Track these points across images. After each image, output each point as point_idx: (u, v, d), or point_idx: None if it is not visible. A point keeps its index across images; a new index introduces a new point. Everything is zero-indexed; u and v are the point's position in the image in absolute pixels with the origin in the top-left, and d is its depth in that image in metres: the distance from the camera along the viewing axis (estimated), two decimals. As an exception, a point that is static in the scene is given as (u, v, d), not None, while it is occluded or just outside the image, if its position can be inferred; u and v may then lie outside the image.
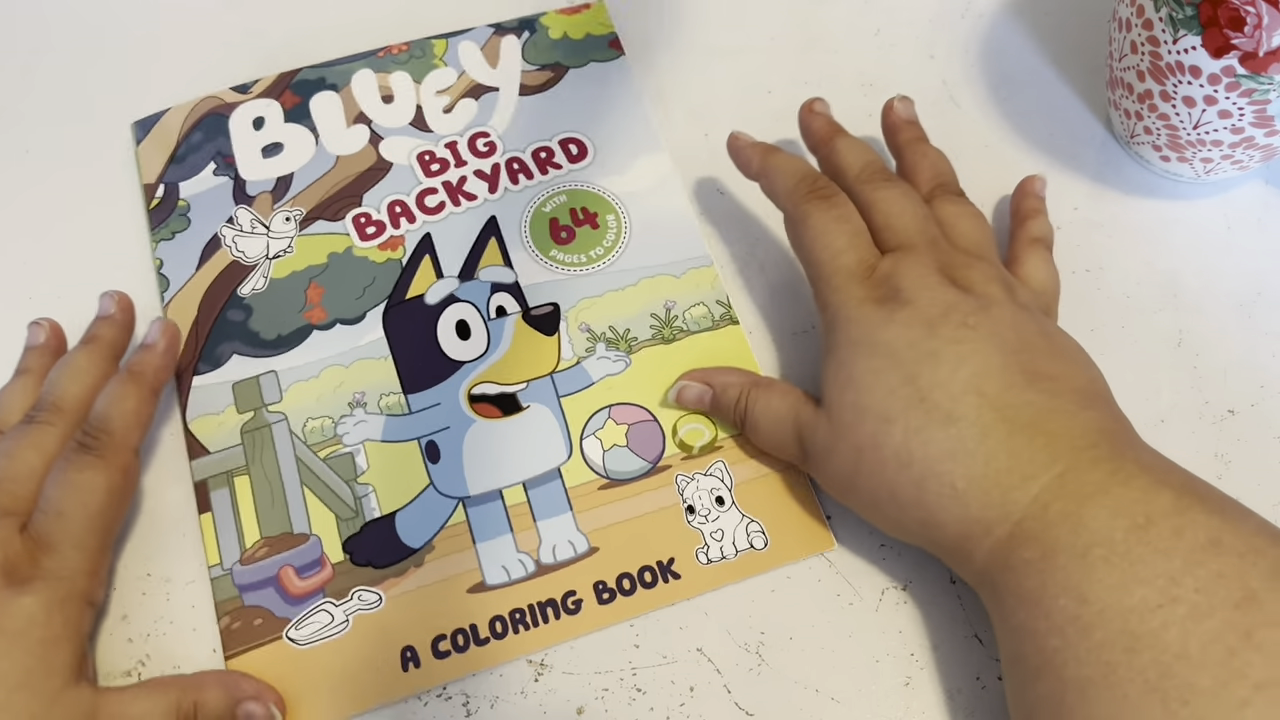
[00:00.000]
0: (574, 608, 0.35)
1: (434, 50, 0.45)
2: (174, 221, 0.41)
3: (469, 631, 0.34)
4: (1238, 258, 0.41)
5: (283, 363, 0.39)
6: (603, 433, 0.37)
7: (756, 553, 0.35)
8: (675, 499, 0.36)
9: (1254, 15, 0.33)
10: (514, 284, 0.40)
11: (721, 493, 0.36)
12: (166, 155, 0.43)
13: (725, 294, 0.40)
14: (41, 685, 0.30)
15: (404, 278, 0.40)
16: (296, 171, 0.42)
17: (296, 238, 0.41)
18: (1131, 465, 0.29)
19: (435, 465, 0.37)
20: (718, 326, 0.39)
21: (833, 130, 0.39)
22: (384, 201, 0.42)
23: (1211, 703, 0.25)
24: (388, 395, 0.38)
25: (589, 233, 0.41)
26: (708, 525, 0.36)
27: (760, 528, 0.36)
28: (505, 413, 0.38)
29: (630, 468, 0.37)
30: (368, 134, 0.43)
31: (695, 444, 0.37)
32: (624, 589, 0.35)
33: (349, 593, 0.35)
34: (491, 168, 0.42)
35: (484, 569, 0.35)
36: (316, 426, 0.37)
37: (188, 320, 0.39)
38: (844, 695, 0.34)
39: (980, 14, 0.47)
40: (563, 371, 0.38)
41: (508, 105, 0.44)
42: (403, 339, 0.39)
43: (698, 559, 0.35)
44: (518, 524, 0.36)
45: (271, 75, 0.44)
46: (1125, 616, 0.27)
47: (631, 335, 0.39)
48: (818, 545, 0.36)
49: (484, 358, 0.38)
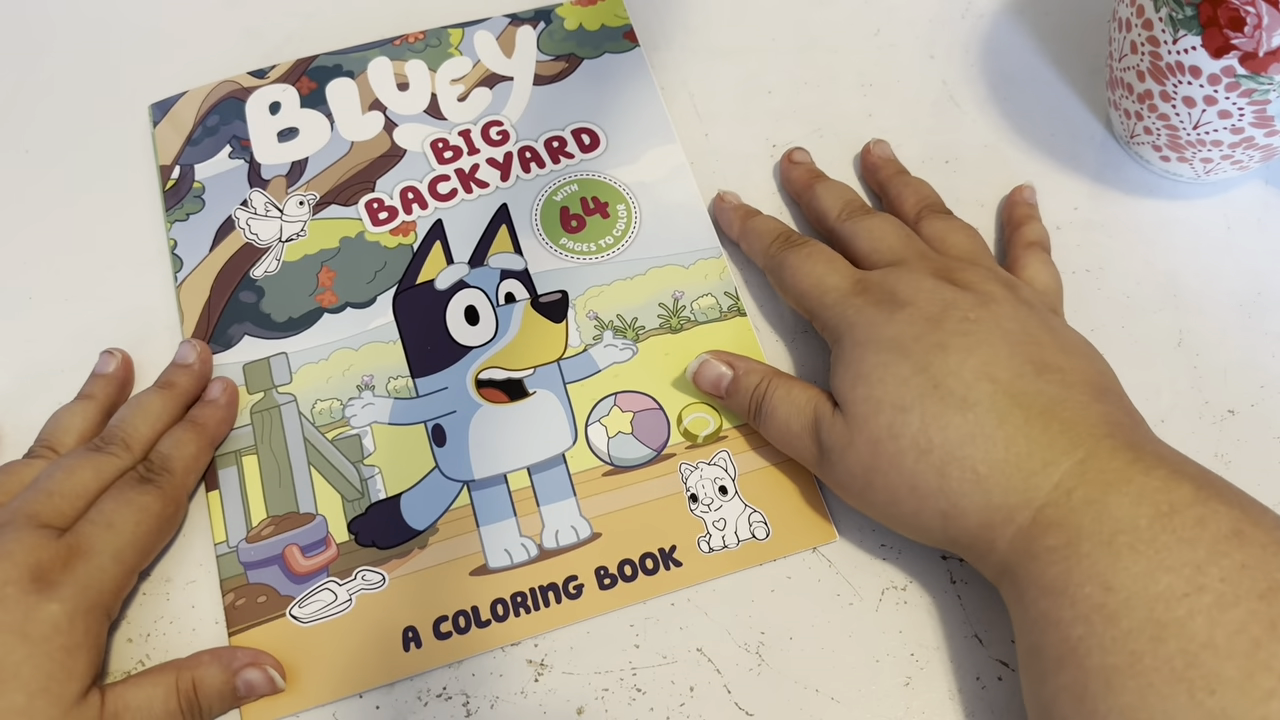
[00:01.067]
0: (575, 592, 0.35)
1: (450, 39, 0.45)
2: (189, 203, 0.41)
3: (470, 613, 0.34)
4: (1238, 258, 0.41)
5: (293, 345, 0.39)
6: (608, 420, 0.37)
7: (758, 543, 0.35)
8: (679, 487, 0.36)
9: (1254, 15, 0.33)
10: (523, 271, 0.40)
11: (725, 482, 0.36)
12: (183, 137, 0.43)
13: (734, 285, 0.40)
14: (61, 691, 0.30)
15: (415, 263, 0.40)
16: (311, 156, 0.42)
17: (310, 221, 0.41)
18: (1150, 456, 0.29)
19: (441, 449, 0.37)
20: (725, 318, 0.39)
21: (812, 177, 0.40)
22: (397, 187, 0.42)
23: (1237, 693, 0.25)
24: (396, 379, 0.38)
25: (599, 222, 0.41)
26: (710, 514, 0.36)
27: (763, 518, 0.36)
28: (512, 398, 0.38)
29: (635, 455, 0.37)
30: (382, 120, 0.43)
31: (700, 433, 0.37)
32: (625, 575, 0.35)
33: (353, 572, 0.35)
34: (504, 156, 0.42)
35: (487, 552, 0.35)
36: (325, 408, 0.38)
37: (200, 301, 0.39)
38: (844, 695, 0.33)
39: (980, 14, 0.47)
40: (570, 358, 0.38)
41: (522, 94, 0.44)
42: (412, 323, 0.39)
43: (699, 547, 0.35)
44: (521, 508, 0.36)
45: (289, 61, 0.44)
46: (1151, 605, 0.26)
47: (639, 324, 0.39)
48: (819, 537, 0.35)
49: (492, 343, 0.38)
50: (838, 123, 0.44)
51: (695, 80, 0.45)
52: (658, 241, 0.41)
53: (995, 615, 0.34)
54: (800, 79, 0.45)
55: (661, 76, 0.45)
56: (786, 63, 0.45)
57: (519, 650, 0.34)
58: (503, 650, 0.34)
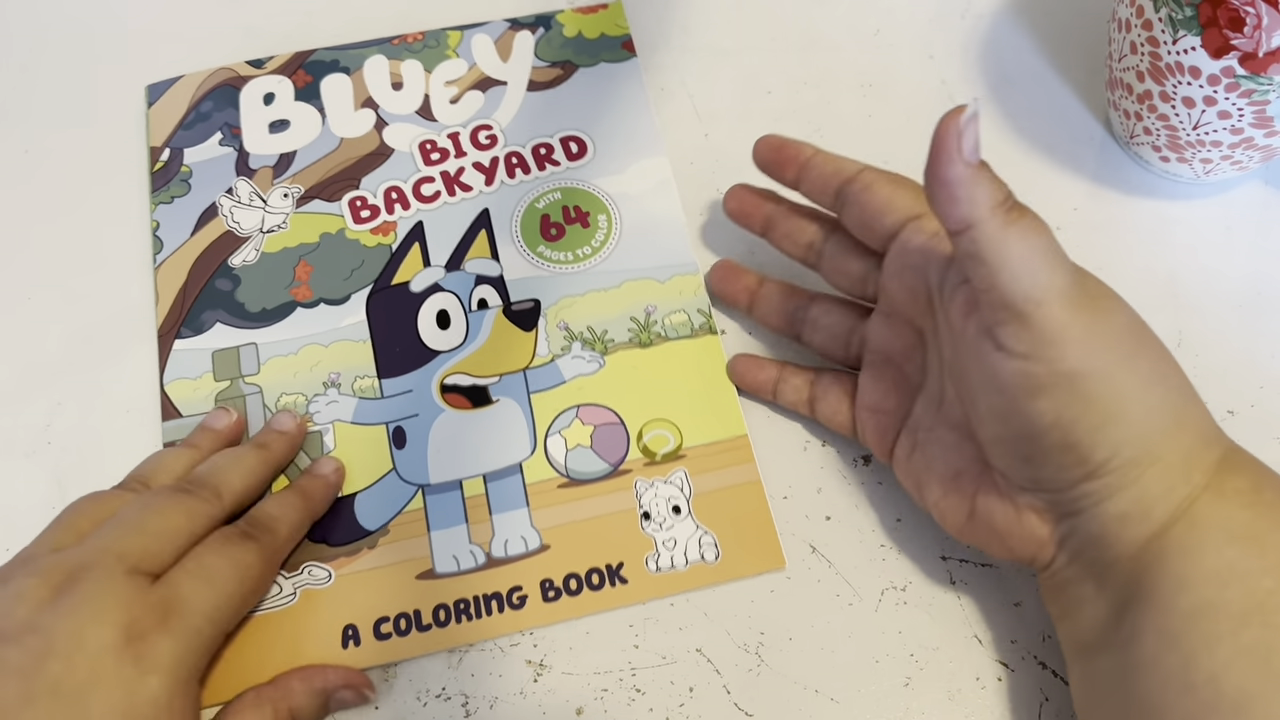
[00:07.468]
0: (518, 603, 0.33)
1: (448, 41, 0.42)
2: (175, 186, 0.40)
3: (412, 616, 0.33)
4: (1237, 258, 0.41)
5: (264, 336, 0.37)
6: (568, 431, 0.35)
7: (707, 565, 0.33)
8: (632, 504, 0.34)
9: (1253, 16, 0.32)
10: (498, 278, 0.38)
11: (679, 502, 0.34)
12: (176, 120, 0.41)
13: (707, 303, 0.37)
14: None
15: (392, 263, 0.38)
16: (300, 149, 0.40)
17: (292, 214, 0.39)
18: None
19: (400, 451, 0.35)
20: (696, 335, 0.37)
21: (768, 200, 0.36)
22: (381, 187, 0.39)
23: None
24: (362, 378, 0.36)
25: (579, 231, 0.39)
26: (661, 533, 0.34)
27: (714, 540, 0.34)
28: (475, 404, 0.36)
29: (591, 469, 0.35)
30: (374, 119, 0.41)
31: (659, 451, 0.35)
32: (570, 589, 0.33)
33: (300, 566, 0.33)
34: (490, 161, 0.40)
35: (435, 557, 0.34)
36: (290, 403, 0.36)
37: (176, 283, 0.37)
38: (843, 696, 0.33)
39: (980, 14, 0.46)
40: (536, 368, 0.36)
41: (514, 100, 0.41)
42: (383, 324, 0.37)
43: (647, 566, 0.33)
44: (474, 515, 0.34)
45: (287, 53, 0.42)
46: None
47: (609, 337, 0.37)
48: (769, 563, 0.33)
49: (460, 349, 0.37)
50: (838, 123, 0.43)
51: (695, 80, 0.44)
52: (636, 254, 0.38)
53: (995, 616, 0.34)
54: (800, 79, 0.44)
55: (661, 77, 0.44)
56: (786, 63, 0.45)
57: (518, 650, 0.34)
58: (502, 650, 0.34)
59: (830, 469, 0.35)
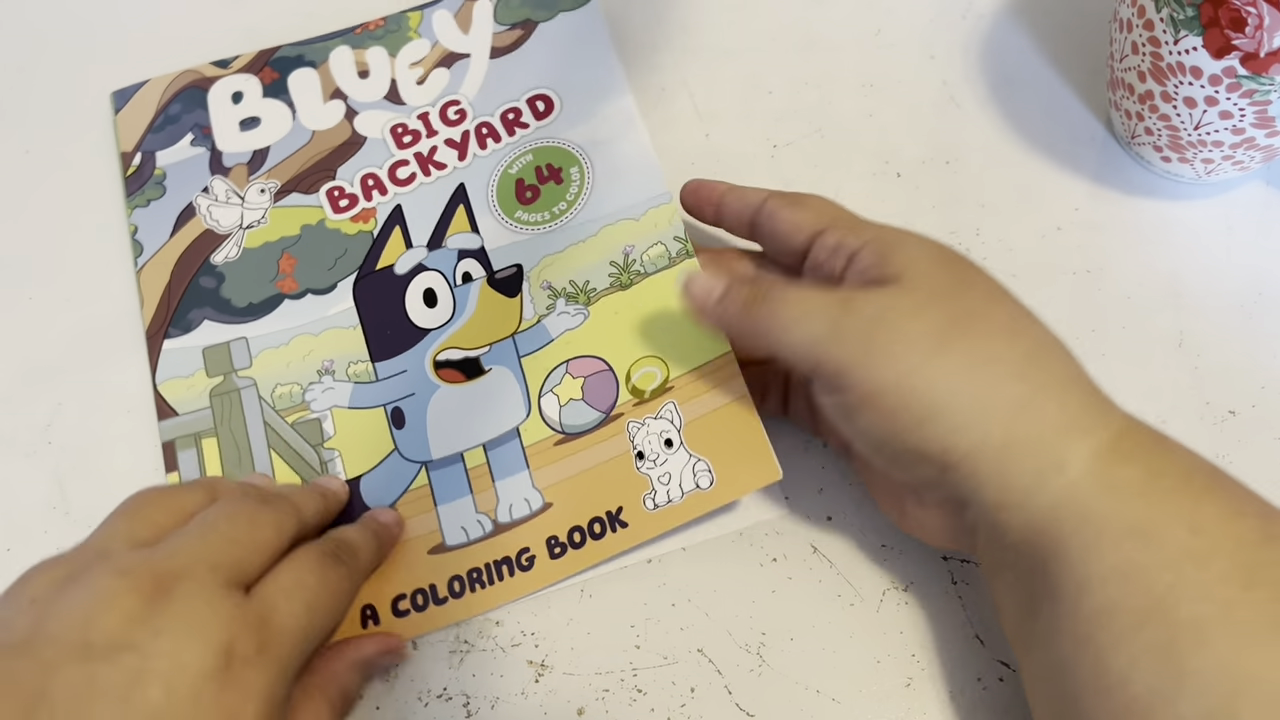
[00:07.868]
0: (527, 564, 0.37)
1: (409, 23, 0.50)
2: (149, 189, 0.46)
3: (428, 591, 0.37)
4: (1239, 258, 0.42)
5: (253, 330, 0.42)
6: (560, 388, 0.40)
7: (702, 492, 0.38)
8: (626, 447, 0.39)
9: (1255, 16, 0.33)
10: (480, 249, 0.43)
11: (670, 434, 0.38)
12: (144, 124, 0.48)
13: (683, 228, 0.42)
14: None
15: (374, 249, 0.44)
16: (273, 145, 0.47)
17: (271, 209, 0.45)
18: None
19: (400, 431, 0.40)
20: (674, 263, 0.41)
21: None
22: (357, 175, 0.46)
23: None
24: (356, 363, 0.41)
25: (553, 189, 0.44)
26: (656, 469, 0.38)
27: (707, 466, 0.38)
28: (469, 377, 0.41)
29: (585, 420, 0.39)
30: (343, 109, 0.47)
31: (647, 388, 0.39)
32: (574, 542, 0.38)
33: None
34: (461, 135, 0.46)
35: (444, 530, 0.38)
36: (285, 392, 0.41)
37: (160, 285, 0.44)
38: (845, 696, 0.35)
39: (980, 14, 0.48)
40: (524, 331, 0.41)
41: (479, 70, 0.48)
42: (372, 309, 0.42)
43: (645, 505, 0.38)
44: (477, 485, 0.39)
45: (252, 52, 0.49)
46: (1237, 548, 0.25)
47: (590, 286, 0.41)
48: (764, 477, 0.37)
49: (449, 324, 0.42)
50: (838, 123, 0.45)
51: (695, 80, 0.46)
52: (610, 198, 0.43)
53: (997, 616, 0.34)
54: (800, 79, 0.46)
55: (661, 77, 0.46)
56: (786, 63, 0.47)
57: (520, 651, 0.35)
58: (504, 650, 0.35)
59: (831, 469, 0.36)
